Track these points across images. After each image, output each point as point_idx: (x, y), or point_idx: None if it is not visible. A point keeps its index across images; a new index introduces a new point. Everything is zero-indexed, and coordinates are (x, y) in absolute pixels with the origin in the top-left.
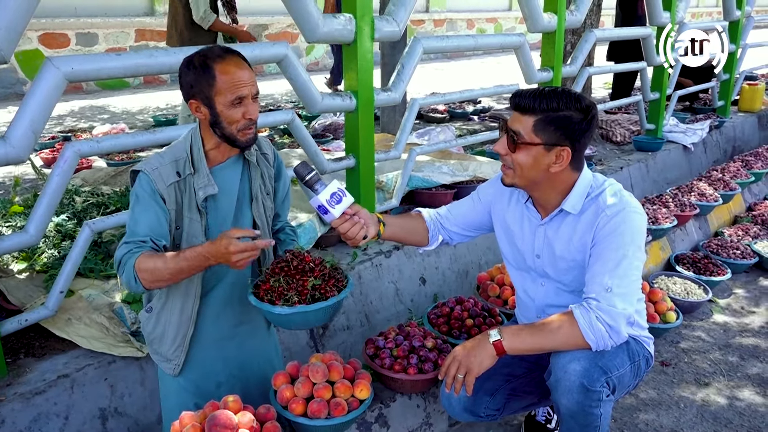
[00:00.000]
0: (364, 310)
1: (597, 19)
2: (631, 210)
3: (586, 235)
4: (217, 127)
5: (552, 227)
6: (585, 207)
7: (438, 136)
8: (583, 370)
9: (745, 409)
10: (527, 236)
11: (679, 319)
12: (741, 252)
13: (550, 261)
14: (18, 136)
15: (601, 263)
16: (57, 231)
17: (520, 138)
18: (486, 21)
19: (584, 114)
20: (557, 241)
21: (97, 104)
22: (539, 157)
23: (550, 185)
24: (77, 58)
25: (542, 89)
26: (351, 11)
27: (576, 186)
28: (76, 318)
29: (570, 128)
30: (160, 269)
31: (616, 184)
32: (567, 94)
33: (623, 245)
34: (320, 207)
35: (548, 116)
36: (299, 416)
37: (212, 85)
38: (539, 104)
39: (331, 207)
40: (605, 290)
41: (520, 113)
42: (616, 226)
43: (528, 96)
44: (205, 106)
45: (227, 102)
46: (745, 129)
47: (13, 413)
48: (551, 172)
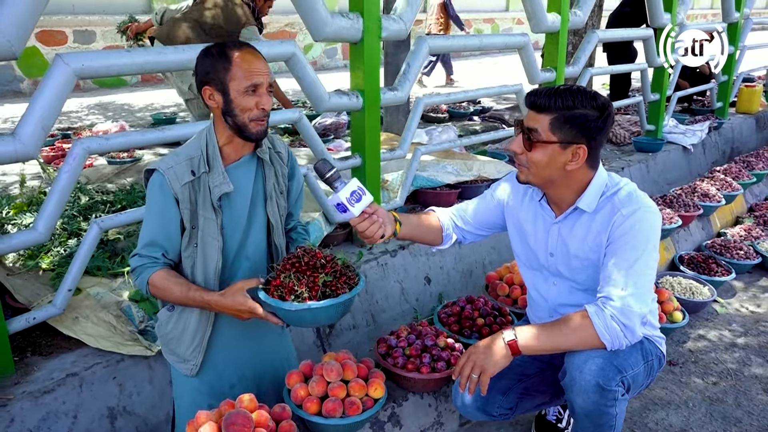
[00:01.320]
0: (370, 310)
1: (598, 20)
2: (646, 209)
3: (602, 234)
4: (229, 115)
5: (566, 225)
6: (600, 206)
7: (440, 136)
8: (599, 369)
9: (753, 409)
10: (540, 234)
11: (685, 318)
12: (744, 252)
13: (564, 259)
14: (28, 133)
15: (616, 263)
16: (63, 229)
17: (536, 136)
18: (483, 21)
19: (600, 112)
20: (571, 240)
21: (95, 102)
22: (555, 155)
23: (566, 183)
24: (88, 54)
25: (558, 87)
26: (358, 9)
27: (591, 184)
28: (83, 316)
29: (586, 126)
30: (168, 296)
31: (631, 184)
32: (583, 92)
33: (639, 245)
34: (339, 205)
35: (564, 114)
36: (314, 415)
37: (228, 69)
38: (555, 102)
39: (351, 205)
40: (620, 290)
41: (536, 112)
42: (632, 225)
43: (544, 94)
44: (219, 92)
45: (241, 88)
46: (743, 130)
47: (22, 412)
48: (567, 170)
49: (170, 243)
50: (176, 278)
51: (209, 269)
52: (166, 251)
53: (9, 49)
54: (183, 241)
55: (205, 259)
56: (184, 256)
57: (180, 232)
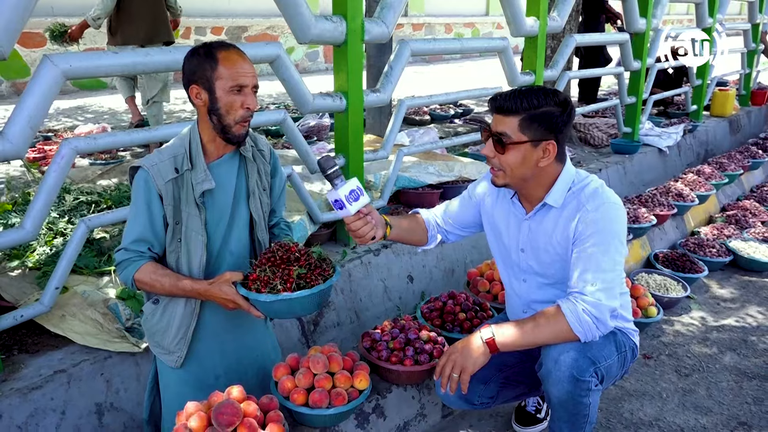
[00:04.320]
0: (354, 307)
1: (576, 24)
2: (611, 205)
3: (567, 229)
4: (214, 114)
5: (536, 221)
6: (567, 201)
7: (422, 138)
8: (573, 361)
9: (724, 398)
10: (513, 231)
11: (660, 313)
12: (717, 250)
13: (534, 254)
14: (16, 133)
15: (584, 259)
16: (49, 229)
17: (507, 139)
18: (464, 26)
19: (563, 107)
20: (540, 235)
21: (75, 104)
22: (528, 154)
23: (537, 180)
24: (76, 55)
25: (519, 89)
26: (342, 13)
27: (558, 180)
28: (70, 314)
29: (552, 122)
30: (157, 287)
31: (597, 180)
32: (544, 91)
33: (605, 240)
34: (337, 201)
35: (531, 114)
36: (301, 406)
37: (214, 68)
38: (522, 103)
39: (349, 203)
40: (590, 285)
41: (504, 115)
42: (597, 220)
43: (509, 98)
44: (205, 91)
45: (227, 88)
46: (717, 133)
47: (11, 408)
48: (539, 167)
49: (156, 237)
50: (164, 269)
51: (193, 263)
52: (152, 245)
53: None
54: (167, 236)
55: (189, 254)
56: (168, 250)
57: (165, 227)
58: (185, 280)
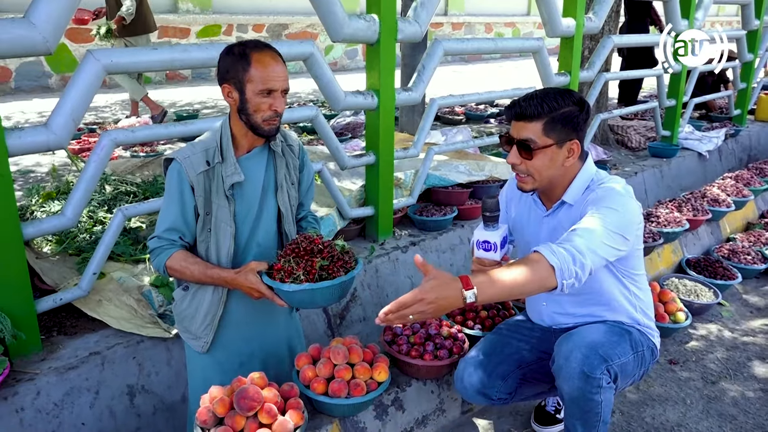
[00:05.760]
0: (380, 303)
1: (615, 25)
2: (616, 188)
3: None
4: (243, 113)
5: (555, 218)
6: (582, 198)
7: (455, 137)
8: (584, 357)
9: (750, 407)
10: (533, 228)
11: (688, 319)
12: (752, 257)
13: None
14: (60, 124)
15: (579, 225)
16: (89, 217)
17: (533, 144)
18: (504, 25)
19: (580, 106)
20: (559, 231)
21: (120, 98)
22: (554, 156)
23: (561, 179)
24: (116, 51)
25: (535, 93)
26: (375, 12)
27: (577, 178)
28: (106, 299)
29: (574, 122)
30: (186, 275)
31: (620, 181)
32: (560, 92)
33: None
34: (486, 242)
35: (553, 116)
36: (320, 395)
37: (246, 71)
38: (544, 108)
39: (501, 247)
40: (571, 232)
41: (526, 121)
42: (599, 198)
43: (529, 103)
44: (237, 91)
45: (257, 90)
46: (761, 138)
47: (48, 386)
48: (565, 167)
49: (187, 227)
50: (194, 258)
51: (222, 253)
52: (183, 234)
53: (45, 46)
54: (198, 226)
55: (218, 244)
56: (198, 240)
57: (195, 218)
58: (214, 268)
